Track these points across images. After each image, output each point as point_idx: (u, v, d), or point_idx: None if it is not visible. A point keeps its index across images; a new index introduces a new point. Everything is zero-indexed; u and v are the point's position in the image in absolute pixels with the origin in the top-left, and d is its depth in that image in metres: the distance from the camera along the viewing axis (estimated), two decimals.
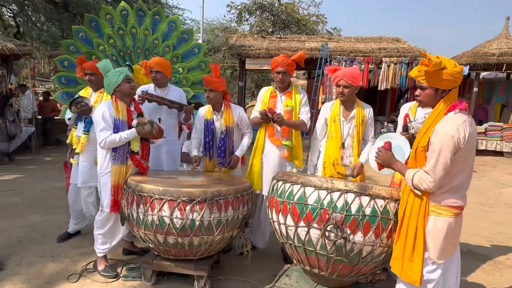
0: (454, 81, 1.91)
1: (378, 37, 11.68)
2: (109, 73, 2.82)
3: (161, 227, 2.48)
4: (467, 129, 1.85)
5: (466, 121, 1.87)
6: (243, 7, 17.10)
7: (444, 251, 1.98)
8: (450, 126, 1.85)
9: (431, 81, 1.93)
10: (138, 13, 6.71)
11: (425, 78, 1.94)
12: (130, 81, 2.86)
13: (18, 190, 5.53)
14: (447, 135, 1.83)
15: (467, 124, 1.86)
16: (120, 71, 2.82)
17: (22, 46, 8.60)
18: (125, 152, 2.80)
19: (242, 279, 2.95)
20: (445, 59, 1.92)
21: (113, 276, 2.90)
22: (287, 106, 3.13)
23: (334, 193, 2.17)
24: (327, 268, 2.29)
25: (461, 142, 1.83)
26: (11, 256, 3.22)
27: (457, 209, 1.97)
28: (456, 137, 1.82)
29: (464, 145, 1.84)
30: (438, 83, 1.92)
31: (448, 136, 1.83)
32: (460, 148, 1.84)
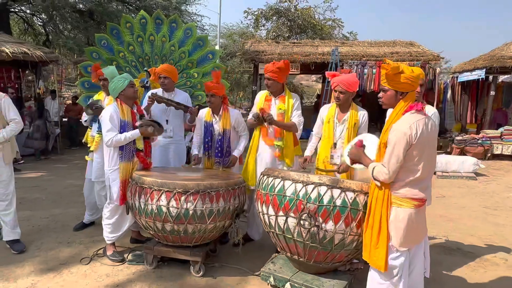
0: (411, 84, 2.13)
1: (391, 41, 11.74)
2: (115, 78, 3.16)
3: (159, 215, 2.80)
4: (420, 127, 2.06)
5: (420, 120, 2.08)
6: (259, 13, 17.50)
7: (406, 240, 2.17)
8: (404, 124, 2.07)
9: (391, 83, 2.16)
10: (156, 21, 7.13)
11: (387, 81, 2.17)
12: (133, 86, 3.20)
13: (42, 187, 6.02)
14: (401, 132, 2.05)
15: (420, 123, 2.08)
16: (124, 77, 3.16)
17: (49, 53, 9.24)
18: (131, 150, 3.13)
19: (235, 266, 3.22)
20: (404, 65, 2.15)
21: (120, 261, 3.24)
22: (280, 109, 3.39)
23: (308, 186, 2.41)
24: (305, 254, 2.53)
25: (413, 138, 2.04)
26: (32, 242, 3.63)
27: (417, 201, 2.16)
28: (408, 134, 2.03)
29: (416, 142, 2.05)
30: (397, 86, 2.14)
31: (401, 133, 2.04)
32: (413, 144, 2.05)
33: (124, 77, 3.13)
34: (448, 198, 6.22)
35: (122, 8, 13.89)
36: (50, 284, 2.87)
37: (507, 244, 4.10)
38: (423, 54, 10.44)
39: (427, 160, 2.15)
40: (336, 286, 2.54)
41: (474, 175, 7.68)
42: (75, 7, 12.43)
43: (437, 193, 6.50)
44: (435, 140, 2.26)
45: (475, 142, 9.83)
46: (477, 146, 9.80)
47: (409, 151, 2.07)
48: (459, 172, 7.81)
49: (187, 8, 15.65)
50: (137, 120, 3.20)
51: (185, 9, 15.43)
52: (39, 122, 8.43)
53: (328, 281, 2.60)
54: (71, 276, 3.00)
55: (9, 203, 3.41)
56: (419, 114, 2.12)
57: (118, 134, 3.06)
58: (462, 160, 7.94)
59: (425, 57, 10.22)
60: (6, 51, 8.23)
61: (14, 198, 3.47)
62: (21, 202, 5.04)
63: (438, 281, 3.13)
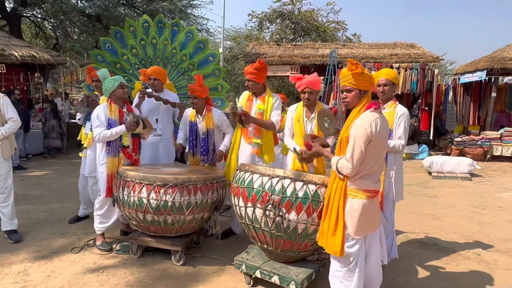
0: (371, 83, 2.30)
1: (392, 43, 11.83)
2: (106, 80, 3.39)
3: (140, 206, 3.01)
4: (378, 125, 2.22)
5: (378, 118, 2.25)
6: (263, 16, 17.72)
7: (361, 228, 2.33)
8: (364, 121, 2.23)
9: (356, 83, 2.31)
10: (158, 24, 7.37)
11: (354, 80, 2.32)
12: (123, 87, 3.42)
13: (46, 184, 6.31)
14: (362, 128, 2.21)
15: (378, 120, 2.24)
16: (115, 79, 3.39)
17: (56, 57, 9.62)
18: (118, 146, 3.36)
19: (215, 257, 3.41)
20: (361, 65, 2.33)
21: (108, 250, 3.47)
22: (259, 109, 3.57)
23: (274, 179, 2.59)
24: (272, 243, 2.71)
25: (373, 134, 2.20)
26: (29, 233, 3.88)
27: (370, 192, 2.32)
28: (369, 130, 2.20)
29: (375, 138, 2.21)
30: (361, 85, 2.31)
31: (363, 129, 2.21)
32: (371, 140, 2.21)
33: (114, 79, 3.36)
34: (439, 197, 6.30)
35: (130, 12, 14.27)
36: (41, 269, 3.11)
37: (487, 241, 4.19)
38: (422, 56, 10.51)
39: (379, 156, 2.31)
40: (301, 273, 2.70)
41: (469, 176, 7.73)
42: (83, 12, 12.83)
43: (429, 193, 6.59)
44: (387, 136, 2.41)
45: (475, 143, 9.84)
46: (477, 147, 9.82)
47: (368, 146, 2.23)
48: (454, 172, 7.86)
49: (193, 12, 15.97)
50: (125, 118, 3.42)
51: (191, 13, 15.74)
52: (54, 122, 8.82)
53: (295, 269, 2.76)
54: (60, 263, 3.23)
55: (7, 196, 3.67)
56: (377, 112, 2.28)
57: (106, 129, 3.29)
58: (458, 161, 7.99)
59: (424, 59, 10.29)
60: (15, 54, 8.62)
61: (12, 192, 3.73)
62: (25, 198, 5.33)
63: (407, 273, 3.26)
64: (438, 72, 10.35)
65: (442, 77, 16.42)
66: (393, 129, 3.05)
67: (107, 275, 3.04)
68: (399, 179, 3.16)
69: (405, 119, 3.04)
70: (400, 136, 3.03)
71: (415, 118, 10.77)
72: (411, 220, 4.90)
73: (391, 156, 3.08)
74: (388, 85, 3.05)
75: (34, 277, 2.98)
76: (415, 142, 10.25)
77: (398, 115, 3.05)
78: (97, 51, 7.39)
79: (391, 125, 3.04)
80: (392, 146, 2.99)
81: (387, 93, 3.07)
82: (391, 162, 3.08)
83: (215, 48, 15.13)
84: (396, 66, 9.94)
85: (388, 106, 3.12)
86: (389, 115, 3.06)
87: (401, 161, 3.19)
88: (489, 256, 3.68)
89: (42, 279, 2.95)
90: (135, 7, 14.51)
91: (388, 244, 3.28)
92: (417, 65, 9.85)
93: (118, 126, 3.33)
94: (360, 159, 2.25)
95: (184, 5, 15.01)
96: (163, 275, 3.07)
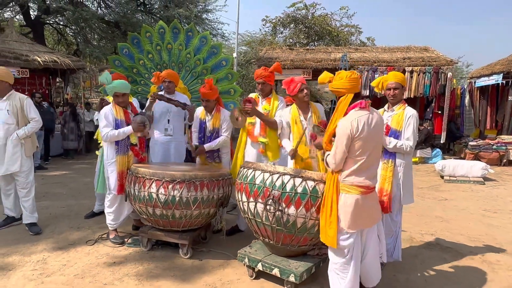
0: (350, 88, 2.47)
1: (405, 47, 11.80)
2: (107, 86, 3.57)
3: (150, 201, 3.19)
4: (361, 122, 2.33)
5: (362, 116, 2.36)
6: (277, 21, 17.92)
7: (354, 223, 2.42)
8: (347, 120, 2.35)
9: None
10: (173, 30, 7.62)
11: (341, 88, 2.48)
12: (118, 96, 3.58)
13: (65, 183, 6.61)
14: (343, 126, 2.33)
15: (362, 118, 2.35)
16: (113, 87, 3.55)
17: (76, 62, 10.03)
18: (126, 144, 3.56)
19: (221, 252, 3.55)
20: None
21: (120, 243, 3.66)
22: (265, 109, 3.71)
23: (274, 175, 2.72)
24: (273, 237, 2.83)
25: (354, 132, 2.31)
26: (48, 226, 4.13)
27: (364, 188, 2.41)
28: (349, 129, 2.31)
29: (358, 135, 2.32)
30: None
31: (344, 127, 2.33)
32: (355, 137, 2.32)
33: (113, 86, 3.52)
34: (449, 201, 6.27)
35: (148, 18, 14.70)
36: (58, 259, 3.32)
37: (494, 243, 4.18)
38: (436, 59, 10.46)
39: (371, 152, 2.41)
40: (301, 267, 2.81)
41: (482, 180, 7.64)
42: (102, 19, 13.31)
43: (440, 196, 6.56)
44: (379, 133, 2.49)
45: (490, 147, 9.70)
46: (492, 151, 9.67)
47: (352, 143, 2.34)
48: (467, 176, 7.78)
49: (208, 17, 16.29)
50: (131, 119, 3.62)
51: (206, 18, 16.06)
52: (72, 124, 9.20)
53: (295, 262, 2.88)
54: (76, 254, 3.44)
55: (29, 191, 3.92)
56: (363, 110, 2.40)
57: (113, 130, 3.50)
58: (471, 165, 7.90)
59: (437, 62, 10.23)
60: (38, 60, 9.05)
61: (33, 187, 3.98)
62: (45, 195, 5.62)
63: (407, 271, 3.32)
64: (452, 76, 10.24)
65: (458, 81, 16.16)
66: (402, 130, 3.09)
67: (119, 265, 3.23)
68: (407, 181, 3.16)
69: (414, 120, 3.06)
70: (408, 138, 3.04)
71: (429, 122, 10.69)
72: (419, 221, 4.92)
73: (399, 158, 3.10)
74: (398, 88, 3.10)
75: (51, 265, 3.20)
76: (428, 146, 10.16)
77: (407, 116, 3.06)
78: (114, 56, 7.68)
79: (401, 126, 3.08)
80: (399, 146, 3.01)
81: (398, 96, 3.12)
82: (399, 164, 3.10)
83: (230, 53, 15.38)
84: (409, 69, 9.92)
85: (397, 108, 3.15)
86: (398, 117, 3.10)
87: (410, 163, 3.18)
88: (492, 257, 3.69)
89: (58, 267, 3.16)
90: (152, 14, 14.93)
91: (391, 244, 3.34)
92: (430, 68, 9.81)
93: (125, 127, 3.53)
94: (343, 156, 2.36)
95: (199, 10, 15.35)
96: (170, 267, 3.24)
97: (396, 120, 3.08)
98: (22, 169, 3.84)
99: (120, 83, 3.57)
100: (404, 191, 3.13)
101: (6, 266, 3.17)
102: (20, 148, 3.80)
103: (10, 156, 3.76)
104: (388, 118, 3.20)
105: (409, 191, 3.18)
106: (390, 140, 3.02)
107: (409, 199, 3.21)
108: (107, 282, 2.93)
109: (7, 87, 3.76)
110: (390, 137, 3.06)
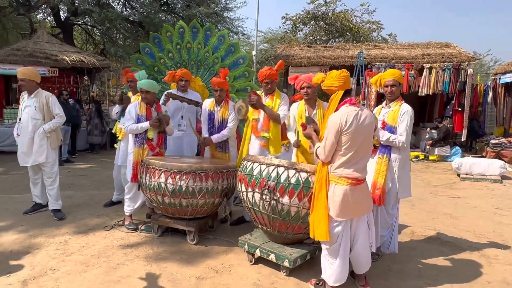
0: (340, 85, 2.62)
1: (426, 43, 11.62)
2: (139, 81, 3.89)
3: (159, 190, 3.46)
4: (350, 118, 2.49)
5: (351, 112, 2.51)
6: (297, 18, 17.96)
7: (343, 212, 2.58)
8: (337, 115, 2.52)
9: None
10: (192, 29, 7.90)
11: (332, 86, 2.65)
12: (143, 92, 3.87)
13: (89, 176, 7.06)
14: (333, 121, 2.50)
15: (351, 114, 2.50)
16: (140, 84, 3.86)
17: (102, 61, 10.55)
18: (143, 138, 3.86)
19: (225, 239, 3.79)
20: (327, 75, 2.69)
21: (134, 229, 3.98)
22: (268, 105, 3.90)
23: (270, 167, 2.93)
24: (270, 224, 3.04)
25: (342, 126, 2.47)
26: (70, 213, 4.51)
27: (352, 179, 2.57)
28: (338, 123, 2.47)
29: (346, 129, 2.47)
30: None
31: (333, 122, 2.50)
32: (343, 131, 2.48)
33: (140, 84, 3.84)
34: (462, 198, 6.24)
35: (171, 18, 15.14)
36: (78, 241, 3.67)
37: (499, 240, 4.19)
38: (457, 55, 10.27)
39: (359, 146, 2.56)
40: (295, 253, 3.00)
41: (500, 178, 7.51)
42: (127, 19, 13.85)
43: (453, 194, 6.53)
44: (369, 128, 2.62)
45: None
46: None
47: (341, 137, 2.50)
48: (484, 175, 7.66)
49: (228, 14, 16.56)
50: (152, 116, 3.91)
51: (227, 16, 16.34)
52: (97, 120, 9.72)
53: (291, 249, 3.07)
54: (94, 238, 3.78)
55: (54, 180, 4.31)
56: (353, 106, 2.55)
57: (134, 124, 3.80)
58: (488, 163, 7.77)
59: (458, 59, 10.05)
60: (67, 59, 9.61)
61: (57, 177, 4.36)
62: (70, 186, 6.05)
63: (402, 262, 3.43)
64: (473, 72, 10.02)
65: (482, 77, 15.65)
66: (396, 126, 3.21)
67: (131, 248, 3.53)
68: (403, 176, 3.28)
69: (408, 116, 3.17)
70: (401, 133, 3.16)
71: (449, 119, 10.52)
72: (426, 218, 4.97)
73: (395, 153, 3.23)
74: (395, 86, 3.23)
75: (71, 246, 3.54)
76: (447, 144, 10.01)
77: (402, 112, 3.19)
78: (137, 55, 8.02)
79: (395, 122, 3.20)
80: (392, 140, 3.13)
81: (395, 93, 3.25)
82: (394, 158, 3.23)
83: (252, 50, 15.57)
84: (428, 66, 9.80)
85: (393, 104, 3.28)
86: (394, 113, 3.23)
87: (406, 158, 3.29)
88: (492, 252, 3.74)
89: (78, 248, 3.50)
90: (175, 13, 15.36)
91: (388, 236, 3.48)
92: (449, 65, 9.65)
93: (144, 122, 3.82)
94: (332, 148, 2.53)
95: (220, 9, 15.64)
96: (178, 251, 3.51)
97: (391, 116, 3.20)
98: (48, 160, 4.22)
99: (146, 81, 3.88)
100: (400, 185, 3.25)
101: (33, 245, 3.54)
102: (46, 141, 4.18)
103: (37, 148, 4.14)
104: (385, 114, 3.33)
105: (405, 185, 3.30)
106: (384, 133, 3.16)
107: (405, 193, 3.33)
108: (119, 262, 3.23)
109: (34, 85, 4.13)
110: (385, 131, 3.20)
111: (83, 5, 11.90)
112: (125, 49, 12.99)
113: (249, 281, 2.98)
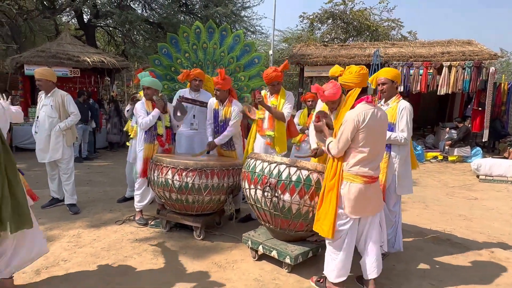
0: (358, 82, 2.64)
1: (446, 41, 11.33)
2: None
3: (166, 186, 3.56)
4: (368, 116, 2.49)
5: (368, 109, 2.52)
6: (314, 17, 17.83)
7: (357, 209, 2.57)
8: (353, 112, 2.53)
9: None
10: (208, 30, 8.02)
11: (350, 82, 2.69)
12: (144, 89, 4.03)
13: (106, 173, 7.28)
14: (350, 118, 2.51)
15: (368, 112, 2.51)
16: (143, 81, 4.00)
17: (121, 62, 10.84)
18: (153, 134, 3.98)
19: (231, 235, 3.86)
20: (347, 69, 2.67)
21: (143, 224, 4.10)
22: (272, 104, 3.95)
23: (272, 164, 2.96)
24: (272, 221, 3.08)
25: (360, 123, 2.48)
26: (85, 207, 4.69)
27: (367, 177, 2.55)
28: (356, 120, 2.48)
29: (363, 126, 2.48)
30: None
31: (350, 118, 2.51)
32: (359, 129, 2.48)
33: (144, 81, 4.01)
34: (480, 200, 6.08)
35: (189, 19, 15.36)
36: (90, 234, 3.82)
37: None
38: (478, 53, 9.96)
39: (374, 144, 2.55)
40: (297, 250, 3.03)
41: None
42: (146, 20, 14.15)
43: (470, 195, 6.37)
44: (383, 127, 2.63)
45: None
46: None
47: (357, 134, 2.51)
48: (504, 176, 7.42)
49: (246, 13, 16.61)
50: None
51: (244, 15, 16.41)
52: (116, 119, 9.99)
53: (293, 246, 3.10)
54: (105, 231, 3.92)
55: (69, 176, 4.49)
56: (369, 104, 2.55)
57: (145, 117, 3.95)
58: (510, 164, 7.52)
59: (480, 57, 9.74)
60: (88, 60, 9.92)
61: (73, 173, 4.54)
62: (88, 182, 6.28)
63: (408, 262, 3.40)
64: (496, 70, 9.68)
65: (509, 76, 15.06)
66: (395, 123, 3.21)
67: (139, 242, 3.65)
68: (404, 172, 3.26)
69: (407, 113, 3.15)
70: (402, 129, 3.14)
71: (469, 119, 10.22)
72: (439, 219, 4.87)
73: (395, 149, 3.21)
74: (387, 84, 3.22)
75: (84, 239, 3.69)
76: (468, 144, 9.73)
77: (400, 109, 3.17)
78: (155, 55, 8.20)
79: (394, 119, 3.20)
80: (394, 138, 3.12)
81: (386, 91, 3.25)
82: (394, 155, 3.22)
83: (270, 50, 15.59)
84: (447, 64, 9.55)
85: (391, 102, 3.28)
86: (392, 110, 3.22)
87: (406, 155, 3.27)
88: (503, 254, 3.65)
89: (90, 241, 3.65)
90: (193, 14, 15.57)
91: (392, 234, 3.44)
92: (470, 63, 9.36)
93: (152, 111, 3.96)
94: (345, 144, 2.53)
95: (237, 8, 15.73)
96: (184, 246, 3.60)
97: (390, 113, 3.18)
98: (63, 156, 4.40)
99: (147, 79, 4.03)
100: (400, 182, 3.23)
101: (49, 237, 3.70)
102: (62, 139, 4.36)
103: (53, 145, 4.33)
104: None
105: (405, 182, 3.27)
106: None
107: (405, 189, 3.31)
108: (127, 255, 3.35)
109: (51, 85, 4.32)
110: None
111: (104, 8, 12.25)
112: (145, 49, 13.27)
113: (251, 276, 3.03)
